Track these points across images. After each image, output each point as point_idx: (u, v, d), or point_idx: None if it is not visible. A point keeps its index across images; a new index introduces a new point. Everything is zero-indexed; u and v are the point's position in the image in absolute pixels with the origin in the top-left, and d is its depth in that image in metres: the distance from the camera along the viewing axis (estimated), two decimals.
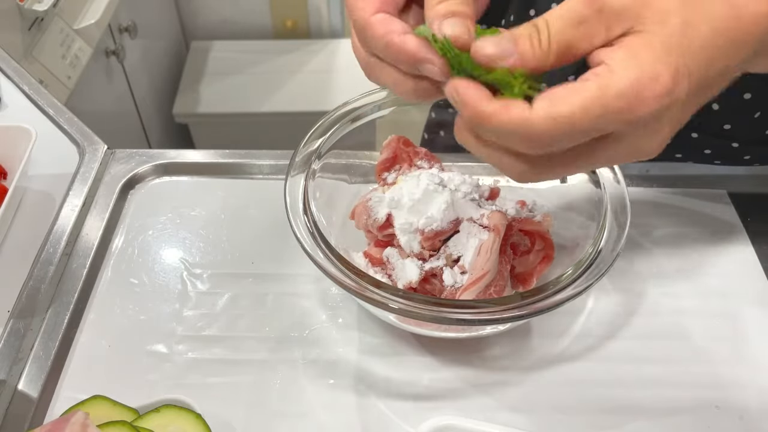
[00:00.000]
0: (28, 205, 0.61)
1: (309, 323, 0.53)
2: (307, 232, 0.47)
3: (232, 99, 1.74)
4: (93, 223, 0.59)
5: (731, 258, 0.57)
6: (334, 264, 0.45)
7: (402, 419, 0.47)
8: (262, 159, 0.64)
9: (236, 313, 0.54)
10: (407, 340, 0.52)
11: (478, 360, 0.51)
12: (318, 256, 0.45)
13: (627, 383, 0.49)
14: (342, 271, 0.44)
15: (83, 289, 0.55)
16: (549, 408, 0.48)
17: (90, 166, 0.64)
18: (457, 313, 0.42)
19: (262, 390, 0.49)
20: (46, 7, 1.07)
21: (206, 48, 1.86)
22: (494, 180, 0.58)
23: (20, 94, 0.71)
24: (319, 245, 0.46)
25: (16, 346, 0.51)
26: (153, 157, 0.65)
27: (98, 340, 0.52)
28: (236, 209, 0.61)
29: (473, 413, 0.47)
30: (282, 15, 1.89)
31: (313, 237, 0.46)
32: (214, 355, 0.51)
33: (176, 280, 0.56)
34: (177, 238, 0.59)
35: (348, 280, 0.44)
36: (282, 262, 0.57)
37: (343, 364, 0.51)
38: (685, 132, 0.56)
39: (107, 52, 1.37)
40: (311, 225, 0.47)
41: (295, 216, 0.47)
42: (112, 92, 1.43)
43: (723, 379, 0.50)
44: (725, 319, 0.53)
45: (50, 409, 0.48)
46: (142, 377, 0.50)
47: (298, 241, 0.46)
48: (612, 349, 0.51)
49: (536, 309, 0.43)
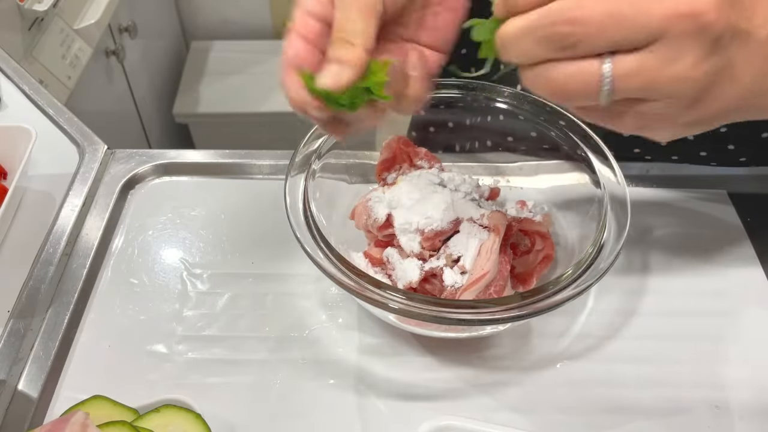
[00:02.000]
0: (28, 205, 0.61)
1: (309, 323, 0.53)
2: (308, 233, 0.47)
3: (232, 99, 1.74)
4: (93, 223, 0.59)
5: (731, 258, 0.57)
6: (334, 264, 0.45)
7: (402, 419, 0.47)
8: (262, 159, 0.64)
9: (236, 313, 0.54)
10: (407, 340, 0.52)
11: (478, 360, 0.51)
12: (318, 256, 0.45)
13: (627, 383, 0.49)
14: (342, 271, 0.44)
15: (83, 289, 0.55)
16: (549, 408, 0.48)
17: (90, 166, 0.64)
18: (458, 313, 0.42)
19: (262, 390, 0.49)
20: (46, 7, 1.07)
21: (206, 48, 1.86)
22: (494, 180, 0.58)
23: (20, 94, 0.71)
24: (319, 245, 0.46)
25: (16, 346, 0.51)
26: (153, 157, 0.65)
27: (98, 340, 0.52)
28: (236, 209, 0.61)
29: (473, 413, 0.47)
30: (282, 15, 1.89)
31: (314, 237, 0.46)
32: (214, 355, 0.51)
33: (176, 280, 0.56)
34: (177, 238, 0.59)
35: (348, 281, 0.44)
36: (282, 262, 0.57)
37: (343, 364, 0.51)
38: None
39: (107, 52, 1.37)
40: (311, 225, 0.47)
41: (295, 216, 0.47)
42: (112, 92, 1.43)
43: (723, 379, 0.50)
44: (725, 319, 0.53)
45: (50, 409, 0.48)
46: (142, 377, 0.50)
47: (299, 241, 0.46)
48: (612, 349, 0.51)
49: (536, 309, 0.43)
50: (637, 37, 0.31)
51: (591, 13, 0.31)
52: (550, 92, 0.34)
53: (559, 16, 0.31)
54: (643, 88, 0.32)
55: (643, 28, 0.31)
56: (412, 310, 0.42)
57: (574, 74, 0.32)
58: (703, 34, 0.31)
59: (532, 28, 0.32)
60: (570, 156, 0.52)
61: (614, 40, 0.31)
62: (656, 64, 0.31)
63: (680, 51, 0.31)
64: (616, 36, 0.31)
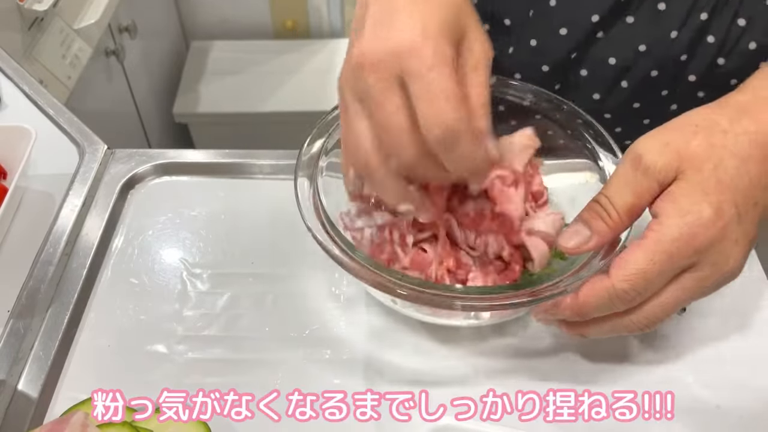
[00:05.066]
0: (28, 205, 0.61)
1: (309, 323, 0.53)
2: (320, 225, 0.46)
3: (232, 99, 1.73)
4: (93, 223, 0.59)
5: None
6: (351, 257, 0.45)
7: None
8: (262, 159, 0.64)
9: (236, 313, 0.54)
10: (407, 341, 0.52)
11: (479, 360, 0.51)
12: (326, 240, 0.45)
13: (628, 381, 0.49)
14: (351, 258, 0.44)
15: (83, 289, 0.55)
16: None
17: (90, 166, 0.64)
18: (465, 299, 0.43)
19: (262, 390, 0.49)
20: (46, 7, 1.07)
21: (206, 48, 1.86)
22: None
23: (20, 94, 0.71)
24: (327, 231, 0.46)
25: (16, 346, 0.51)
26: (153, 157, 0.65)
27: (98, 340, 0.52)
28: (236, 209, 0.61)
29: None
30: (282, 15, 1.89)
31: (326, 229, 0.46)
32: (214, 355, 0.51)
33: (176, 280, 0.56)
34: (177, 238, 0.59)
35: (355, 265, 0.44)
36: (282, 261, 0.57)
37: (344, 363, 0.50)
38: None
39: (107, 52, 1.37)
40: (323, 217, 0.47)
41: (306, 209, 0.47)
42: (112, 92, 1.43)
43: (723, 379, 0.50)
44: (725, 318, 0.53)
45: (50, 409, 0.48)
46: (142, 377, 0.50)
47: (310, 230, 0.46)
48: (612, 347, 0.51)
49: (537, 297, 0.43)
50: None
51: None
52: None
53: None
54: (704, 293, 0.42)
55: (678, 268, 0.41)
56: (422, 295, 0.43)
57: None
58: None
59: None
60: (578, 154, 0.52)
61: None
62: (709, 271, 0.41)
63: (718, 258, 0.40)
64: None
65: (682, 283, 0.41)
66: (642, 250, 0.40)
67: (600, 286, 0.41)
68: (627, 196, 0.41)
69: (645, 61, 0.61)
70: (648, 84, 0.62)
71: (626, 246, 0.42)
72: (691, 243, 0.39)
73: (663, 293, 0.41)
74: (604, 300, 0.41)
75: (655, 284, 0.41)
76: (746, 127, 0.41)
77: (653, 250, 0.39)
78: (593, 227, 0.42)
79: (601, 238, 0.42)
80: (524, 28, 0.64)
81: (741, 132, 0.41)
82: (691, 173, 0.40)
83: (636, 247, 0.40)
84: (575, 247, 0.42)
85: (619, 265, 0.41)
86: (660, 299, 0.42)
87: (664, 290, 0.41)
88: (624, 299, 0.41)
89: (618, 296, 0.41)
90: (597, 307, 0.42)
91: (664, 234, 0.39)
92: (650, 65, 0.61)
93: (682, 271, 0.41)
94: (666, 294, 0.41)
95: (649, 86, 0.62)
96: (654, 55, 0.60)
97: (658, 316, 0.42)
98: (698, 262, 0.40)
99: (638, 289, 0.40)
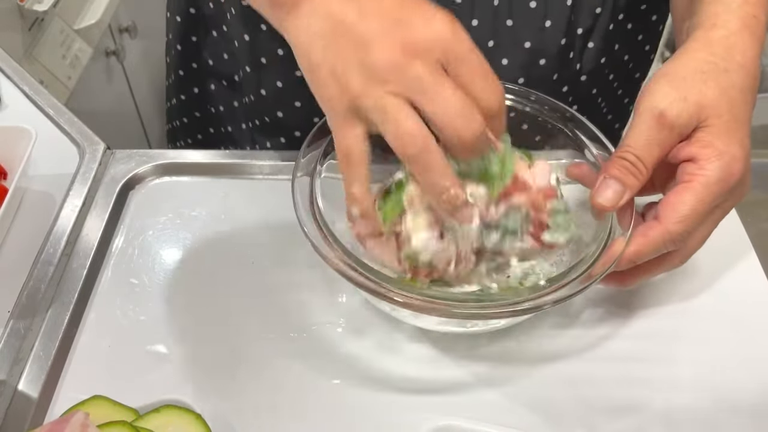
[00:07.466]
0: (28, 205, 0.61)
1: (309, 323, 0.53)
2: (317, 230, 0.46)
3: None
4: (93, 224, 0.59)
5: (731, 258, 0.57)
6: (347, 263, 0.45)
7: (402, 419, 0.47)
8: (262, 159, 0.64)
9: (236, 314, 0.54)
10: (407, 341, 0.52)
11: (478, 360, 0.51)
12: (323, 247, 0.45)
13: (627, 383, 0.49)
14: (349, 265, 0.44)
15: (83, 289, 0.55)
16: (549, 408, 0.48)
17: (90, 167, 0.64)
18: (462, 306, 0.43)
19: (263, 390, 0.49)
20: (46, 7, 1.07)
21: None
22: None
23: (20, 94, 0.71)
24: (330, 243, 0.46)
25: (16, 347, 0.51)
26: (153, 157, 0.65)
27: (98, 340, 0.52)
28: (236, 209, 0.61)
29: (473, 413, 0.47)
30: None
31: (323, 234, 0.46)
32: (214, 356, 0.51)
33: (176, 280, 0.56)
34: (177, 238, 0.59)
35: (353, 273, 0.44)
36: (282, 262, 0.57)
37: (344, 364, 0.50)
38: None
39: (107, 53, 1.37)
40: (320, 222, 0.47)
41: (304, 214, 0.47)
42: (112, 92, 1.43)
43: (722, 379, 0.50)
44: (725, 319, 0.53)
45: (50, 409, 0.48)
46: (142, 377, 0.50)
47: (307, 236, 0.46)
48: (612, 349, 0.51)
49: (538, 305, 0.43)
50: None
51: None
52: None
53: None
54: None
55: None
56: (416, 303, 0.43)
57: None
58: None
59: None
60: (580, 156, 0.53)
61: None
62: (733, 201, 0.47)
63: (742, 189, 0.46)
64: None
65: (715, 215, 0.46)
66: (691, 193, 0.44)
67: (654, 233, 0.45)
68: (655, 152, 0.45)
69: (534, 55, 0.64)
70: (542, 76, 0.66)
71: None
72: (730, 180, 0.44)
73: (702, 228, 0.46)
74: (659, 245, 0.45)
75: (701, 223, 0.45)
76: (739, 61, 0.46)
77: (702, 191, 0.44)
78: (627, 183, 0.45)
79: (632, 192, 0.45)
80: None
81: (737, 68, 0.45)
82: (713, 119, 0.44)
83: (683, 191, 0.44)
84: (612, 201, 0.45)
85: (671, 210, 0.44)
86: (700, 234, 0.46)
87: (703, 225, 0.46)
88: (676, 241, 0.45)
89: (672, 239, 0.45)
90: (651, 253, 0.45)
91: (709, 177, 0.43)
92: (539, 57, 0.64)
93: (716, 206, 0.45)
94: (703, 229, 0.46)
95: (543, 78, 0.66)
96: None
97: (696, 249, 0.47)
98: (729, 195, 0.45)
99: (689, 229, 0.44)
